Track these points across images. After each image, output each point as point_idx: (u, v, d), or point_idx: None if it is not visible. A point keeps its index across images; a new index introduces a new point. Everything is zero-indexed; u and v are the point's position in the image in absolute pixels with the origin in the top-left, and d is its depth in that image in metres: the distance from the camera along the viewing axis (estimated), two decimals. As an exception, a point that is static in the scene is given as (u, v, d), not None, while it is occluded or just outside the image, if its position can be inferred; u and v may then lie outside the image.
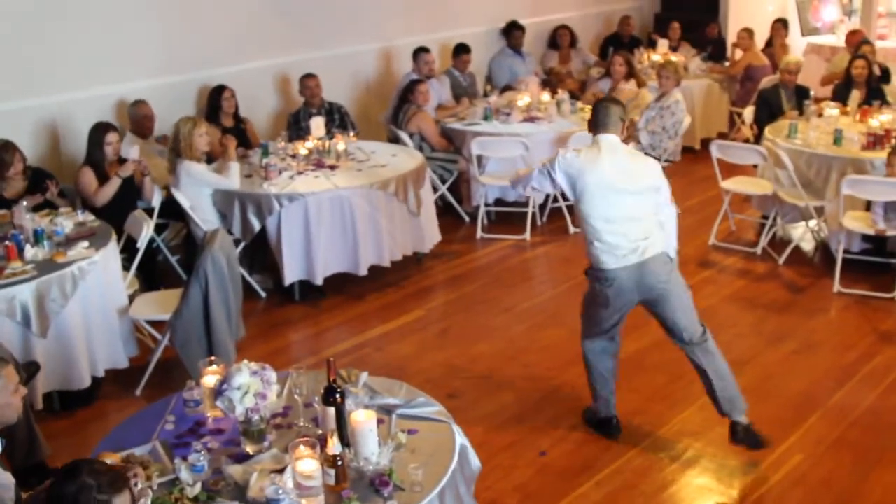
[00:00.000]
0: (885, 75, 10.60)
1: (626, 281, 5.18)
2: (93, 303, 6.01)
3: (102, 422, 5.91)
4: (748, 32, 12.24)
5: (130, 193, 7.35)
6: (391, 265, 7.86)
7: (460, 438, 3.98)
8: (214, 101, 8.77)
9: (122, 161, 7.35)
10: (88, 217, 6.70)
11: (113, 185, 7.22)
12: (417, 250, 8.20)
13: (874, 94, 9.42)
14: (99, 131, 7.30)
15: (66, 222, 6.45)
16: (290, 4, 9.95)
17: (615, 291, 5.21)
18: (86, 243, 6.14)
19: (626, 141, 5.29)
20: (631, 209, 5.16)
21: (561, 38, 12.73)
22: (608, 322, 5.42)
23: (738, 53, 12.45)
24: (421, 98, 9.31)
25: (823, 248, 8.45)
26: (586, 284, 5.42)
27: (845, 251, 7.68)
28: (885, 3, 14.70)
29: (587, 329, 5.54)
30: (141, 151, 7.64)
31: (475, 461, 4.05)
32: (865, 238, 7.86)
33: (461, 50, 10.86)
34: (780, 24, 12.92)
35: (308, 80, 9.24)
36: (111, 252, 6.30)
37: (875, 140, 8.05)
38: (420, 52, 10.15)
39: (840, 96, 9.61)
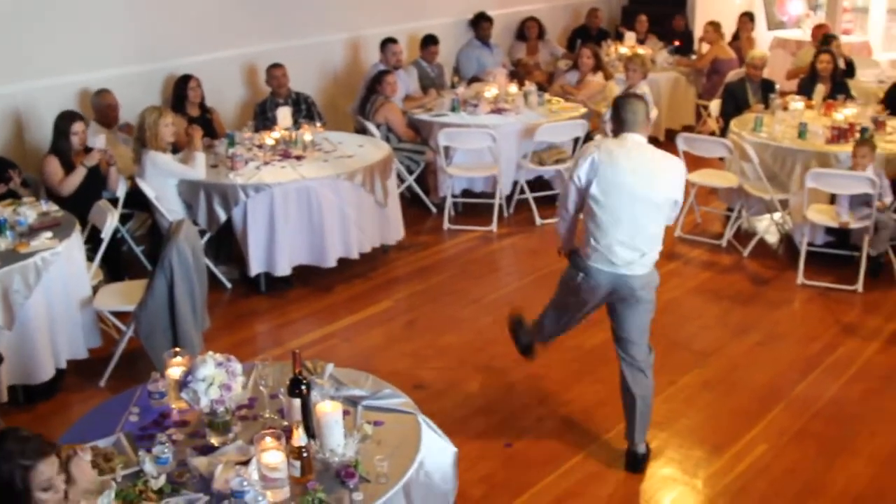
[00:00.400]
0: (850, 69, 10.70)
1: (604, 283, 5.02)
2: (56, 294, 5.96)
3: (66, 414, 5.86)
4: (714, 26, 12.30)
5: (95, 183, 7.27)
6: (359, 256, 7.83)
7: (427, 429, 3.97)
8: (180, 91, 8.70)
9: (87, 151, 7.28)
10: (52, 207, 6.63)
11: (78, 175, 7.15)
12: (385, 242, 8.18)
13: (839, 89, 9.49)
14: (65, 120, 7.21)
15: (29, 212, 6.37)
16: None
17: (588, 287, 5.07)
18: (49, 234, 6.08)
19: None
20: (642, 219, 4.88)
21: (529, 30, 12.73)
22: (572, 316, 5.37)
23: (705, 47, 12.50)
24: (388, 89, 9.29)
25: (788, 240, 8.52)
26: (559, 272, 5.34)
27: (809, 244, 7.74)
28: (850, -2, 14.84)
29: (550, 321, 5.51)
30: (106, 141, 7.57)
31: (450, 447, 4.06)
32: (829, 231, 7.94)
33: (429, 41, 10.84)
34: (747, 18, 12.99)
35: (275, 69, 9.19)
36: (75, 242, 6.24)
37: (839, 134, 8.12)
38: (388, 42, 10.12)
39: (805, 90, 9.67)
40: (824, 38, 11.02)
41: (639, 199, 4.83)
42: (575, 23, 13.92)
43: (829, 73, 9.62)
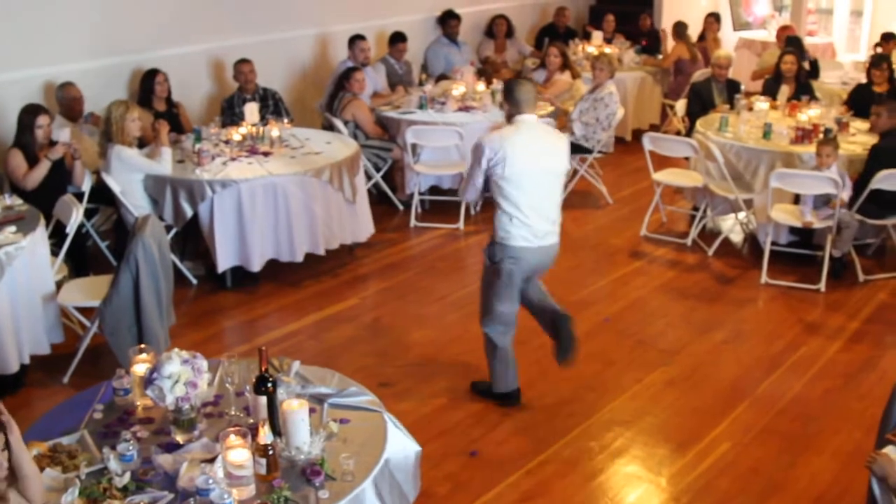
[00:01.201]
0: (814, 69, 10.80)
1: (531, 260, 5.52)
2: (20, 288, 5.90)
3: (28, 410, 5.80)
4: (676, 26, 12.38)
5: (60, 177, 7.21)
6: (326, 253, 7.82)
7: (392, 427, 3.97)
8: (147, 85, 8.65)
9: (52, 144, 7.22)
10: (16, 201, 6.57)
11: (43, 168, 7.08)
12: (356, 240, 8.17)
13: (803, 90, 9.59)
14: (29, 114, 7.12)
15: (-8, 207, 6.34)
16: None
17: (519, 268, 5.52)
18: (13, 228, 6.03)
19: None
20: (550, 189, 5.49)
21: (497, 28, 12.75)
22: (513, 302, 5.66)
23: (671, 45, 12.58)
24: (356, 86, 9.27)
25: (752, 239, 8.59)
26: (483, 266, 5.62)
27: (773, 243, 7.81)
28: (814, 0, 14.95)
29: (491, 313, 5.70)
30: (71, 134, 7.51)
31: (413, 445, 4.04)
32: (793, 230, 8.01)
33: (397, 38, 10.82)
34: (713, 19, 13.09)
35: (242, 65, 9.15)
36: (39, 237, 6.18)
37: (803, 134, 8.20)
38: (356, 39, 10.10)
39: (770, 91, 9.76)
40: (788, 40, 11.13)
41: (542, 172, 5.40)
42: (543, 21, 13.97)
43: (793, 74, 9.71)
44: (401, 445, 3.98)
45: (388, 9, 11.69)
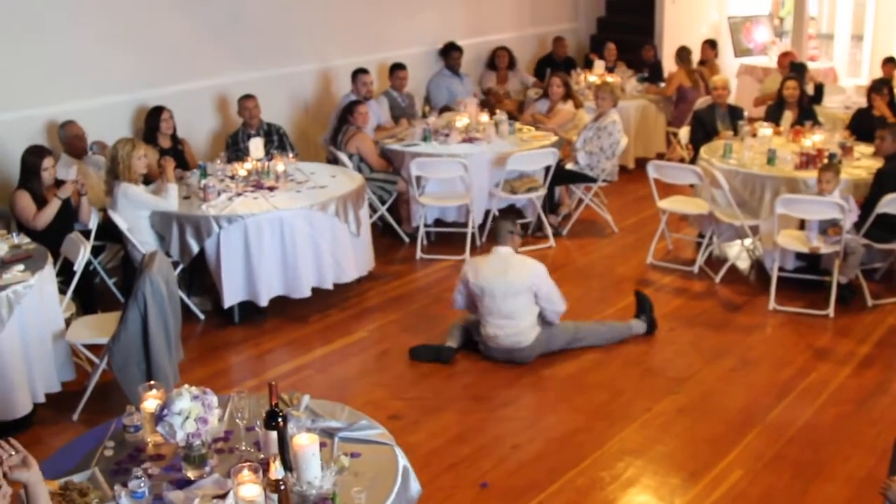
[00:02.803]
0: (818, 94, 10.82)
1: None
2: (30, 327, 5.92)
3: (39, 447, 5.76)
4: (680, 52, 12.42)
5: (67, 216, 7.23)
6: (332, 286, 7.83)
7: (402, 461, 3.97)
8: (152, 122, 8.69)
9: (58, 182, 7.24)
10: (24, 240, 6.60)
11: (53, 208, 7.09)
12: (361, 274, 8.17)
13: (806, 115, 9.60)
14: (34, 156, 7.12)
15: (1, 245, 6.34)
16: (226, 25, 9.92)
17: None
18: (21, 266, 6.06)
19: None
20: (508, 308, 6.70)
21: (499, 60, 12.79)
22: None
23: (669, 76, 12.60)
24: (360, 119, 9.30)
25: (759, 266, 8.57)
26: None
27: (780, 269, 7.80)
28: (815, 25, 15.01)
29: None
30: (77, 171, 7.55)
31: (416, 485, 4.03)
32: (799, 256, 8.00)
33: (396, 67, 10.84)
34: (708, 45, 13.14)
35: (246, 101, 9.20)
36: (47, 275, 6.20)
37: (808, 160, 8.21)
38: (359, 73, 10.14)
39: (773, 117, 9.77)
40: (793, 66, 11.16)
41: (502, 294, 6.69)
42: (542, 52, 14.01)
43: (795, 99, 9.73)
44: (408, 481, 3.97)
45: (389, 42, 11.75)
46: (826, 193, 7.45)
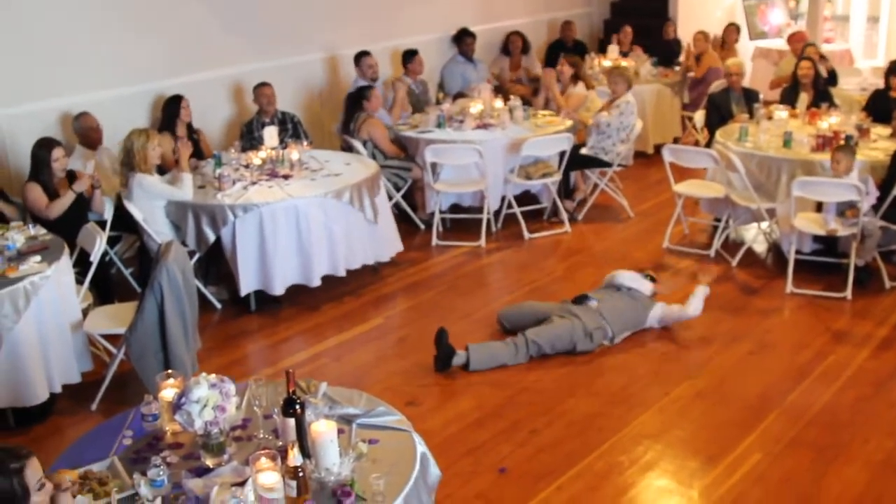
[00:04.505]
0: (832, 77, 10.75)
1: None
2: (47, 317, 5.93)
3: (58, 437, 5.84)
4: (703, 35, 12.35)
5: (80, 206, 7.25)
6: (349, 274, 7.83)
7: (421, 447, 3.96)
8: (172, 110, 8.69)
9: (69, 174, 7.25)
10: (40, 231, 6.62)
11: (67, 199, 7.10)
12: (379, 259, 8.17)
13: (822, 97, 9.54)
14: (44, 149, 7.11)
15: (17, 237, 6.36)
16: (238, 14, 9.92)
17: None
18: (38, 257, 6.07)
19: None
20: None
21: (513, 45, 12.77)
22: None
23: (691, 58, 12.50)
24: (375, 103, 9.29)
25: (776, 249, 8.54)
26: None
27: (797, 252, 7.77)
28: (830, 7, 14.91)
29: None
30: (93, 163, 7.56)
31: (435, 470, 4.04)
32: (816, 238, 7.95)
33: (410, 53, 10.83)
34: (733, 28, 13.06)
35: (263, 88, 9.20)
36: (64, 266, 6.22)
37: (824, 142, 8.16)
38: (361, 56, 10.12)
39: (788, 99, 9.72)
40: (804, 46, 11.10)
41: None
42: (552, 37, 13.96)
43: (810, 79, 9.66)
44: (427, 467, 3.97)
45: (402, 29, 11.75)
46: (840, 174, 7.41)
